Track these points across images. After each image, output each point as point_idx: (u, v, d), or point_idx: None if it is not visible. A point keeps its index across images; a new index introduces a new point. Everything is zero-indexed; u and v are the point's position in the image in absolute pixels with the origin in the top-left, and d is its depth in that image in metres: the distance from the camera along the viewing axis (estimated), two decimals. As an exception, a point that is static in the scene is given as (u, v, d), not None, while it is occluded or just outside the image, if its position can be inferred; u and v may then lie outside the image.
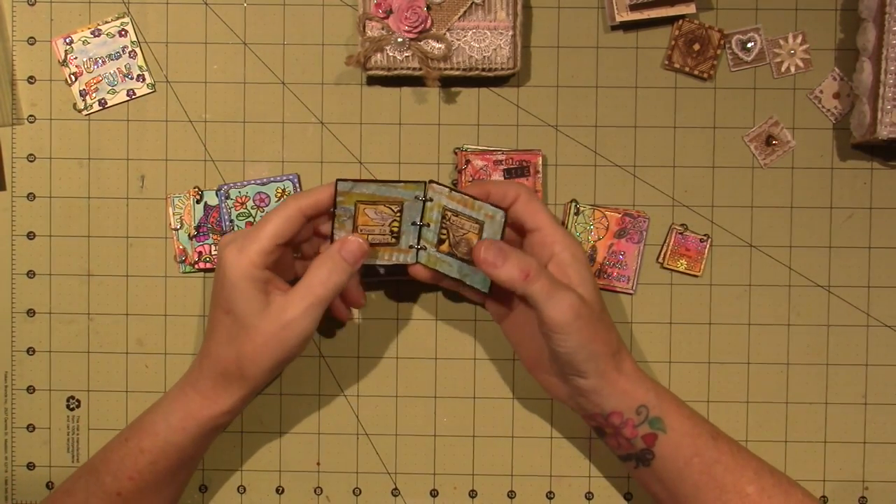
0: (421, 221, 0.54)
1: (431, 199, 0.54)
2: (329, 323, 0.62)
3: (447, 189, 0.54)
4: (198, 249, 0.61)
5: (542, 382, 0.56)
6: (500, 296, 0.56)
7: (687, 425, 0.52)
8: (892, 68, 0.56)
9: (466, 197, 0.53)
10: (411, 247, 0.55)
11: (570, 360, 0.51)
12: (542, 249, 0.53)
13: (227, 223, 0.61)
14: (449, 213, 0.54)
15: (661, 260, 0.61)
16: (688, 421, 0.53)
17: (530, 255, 0.51)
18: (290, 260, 0.56)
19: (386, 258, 0.55)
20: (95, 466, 0.54)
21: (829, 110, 0.61)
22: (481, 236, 0.53)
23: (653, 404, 0.52)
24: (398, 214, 0.54)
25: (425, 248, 0.55)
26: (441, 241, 0.55)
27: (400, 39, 0.58)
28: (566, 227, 0.60)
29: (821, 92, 0.61)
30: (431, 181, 0.54)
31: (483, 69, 0.59)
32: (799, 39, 0.61)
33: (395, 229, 0.54)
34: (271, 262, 0.52)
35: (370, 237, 0.54)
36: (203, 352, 0.54)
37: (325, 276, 0.51)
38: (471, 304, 0.61)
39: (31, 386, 0.62)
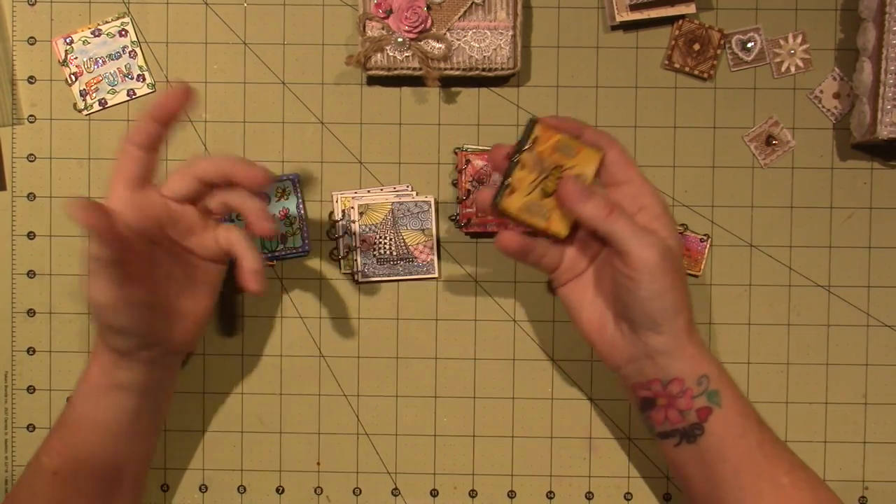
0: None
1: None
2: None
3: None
4: (198, 249, 0.61)
5: (601, 345, 0.54)
6: (568, 259, 0.54)
7: (740, 404, 0.51)
8: (892, 68, 0.56)
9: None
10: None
11: (650, 308, 0.49)
12: (633, 201, 0.52)
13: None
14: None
15: (661, 260, 0.61)
16: (740, 400, 0.52)
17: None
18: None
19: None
20: (38, 449, 0.54)
21: (829, 110, 0.61)
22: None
23: (714, 376, 0.51)
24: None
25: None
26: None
27: (400, 39, 0.58)
28: None
29: (821, 92, 0.61)
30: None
31: (483, 69, 0.59)
32: (799, 39, 0.61)
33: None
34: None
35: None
36: None
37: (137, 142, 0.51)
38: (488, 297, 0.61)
39: (31, 386, 0.62)
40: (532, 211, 0.52)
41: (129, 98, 0.61)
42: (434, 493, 0.62)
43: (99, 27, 0.61)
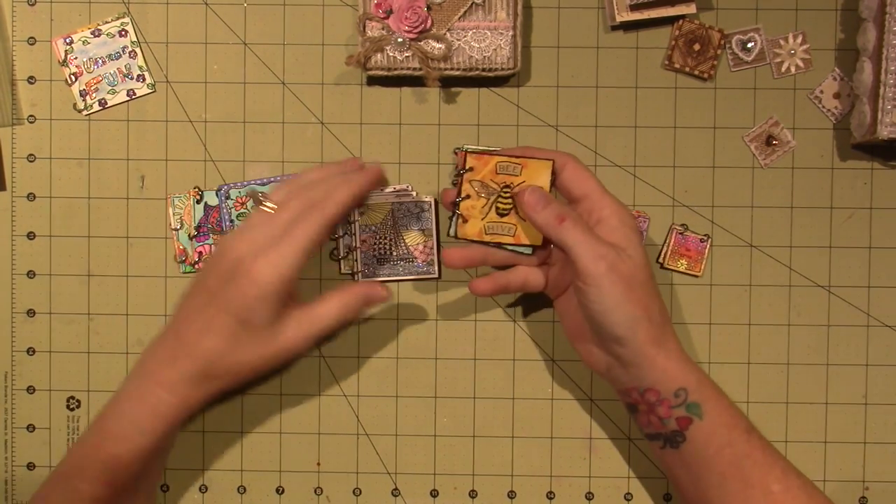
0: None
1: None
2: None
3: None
4: (198, 250, 0.61)
5: (582, 353, 0.55)
6: (556, 272, 0.56)
7: (724, 416, 0.52)
8: (893, 68, 0.56)
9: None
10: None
11: (604, 320, 0.50)
12: (590, 215, 0.53)
13: (228, 223, 0.61)
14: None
15: (661, 260, 0.61)
16: (726, 411, 0.52)
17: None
18: None
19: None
20: (68, 474, 0.53)
21: (829, 110, 0.61)
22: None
23: (693, 389, 0.51)
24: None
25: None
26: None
27: (400, 39, 0.58)
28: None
29: (821, 92, 0.61)
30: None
31: (483, 69, 0.59)
32: (799, 39, 0.61)
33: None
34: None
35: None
36: (184, 348, 0.52)
37: (336, 311, 0.53)
38: (475, 296, 0.61)
39: (31, 386, 0.62)
40: (495, 231, 0.55)
41: (128, 98, 0.61)
42: (434, 494, 0.62)
43: (99, 27, 0.61)
